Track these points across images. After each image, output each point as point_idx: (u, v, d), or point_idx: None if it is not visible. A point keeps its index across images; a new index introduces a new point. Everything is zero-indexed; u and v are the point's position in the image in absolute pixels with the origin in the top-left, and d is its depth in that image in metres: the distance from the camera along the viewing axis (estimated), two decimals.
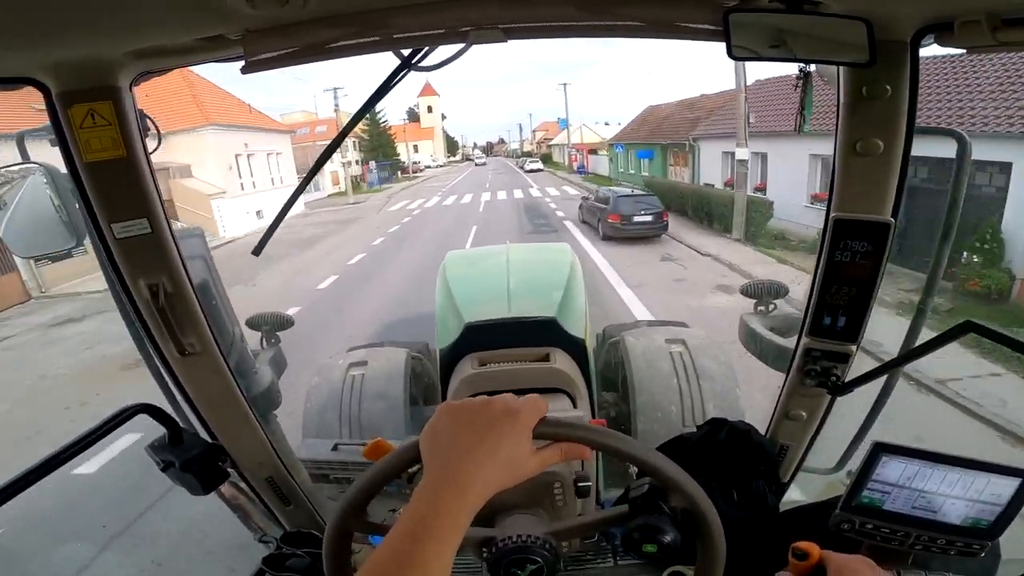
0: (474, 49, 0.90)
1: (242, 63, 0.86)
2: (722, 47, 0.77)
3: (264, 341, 1.89)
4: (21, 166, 1.05)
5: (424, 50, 0.90)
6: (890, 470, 0.83)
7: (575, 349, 1.73)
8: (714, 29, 0.81)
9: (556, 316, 1.82)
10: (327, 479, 1.61)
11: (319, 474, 1.60)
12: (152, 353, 1.07)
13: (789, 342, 1.44)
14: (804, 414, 1.18)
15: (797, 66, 0.97)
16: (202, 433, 1.18)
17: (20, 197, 1.05)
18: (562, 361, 1.60)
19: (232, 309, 1.53)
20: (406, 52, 0.91)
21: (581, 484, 0.83)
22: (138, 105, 0.93)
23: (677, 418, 2.26)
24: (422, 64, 0.92)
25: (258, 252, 1.09)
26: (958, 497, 0.81)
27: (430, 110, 76.03)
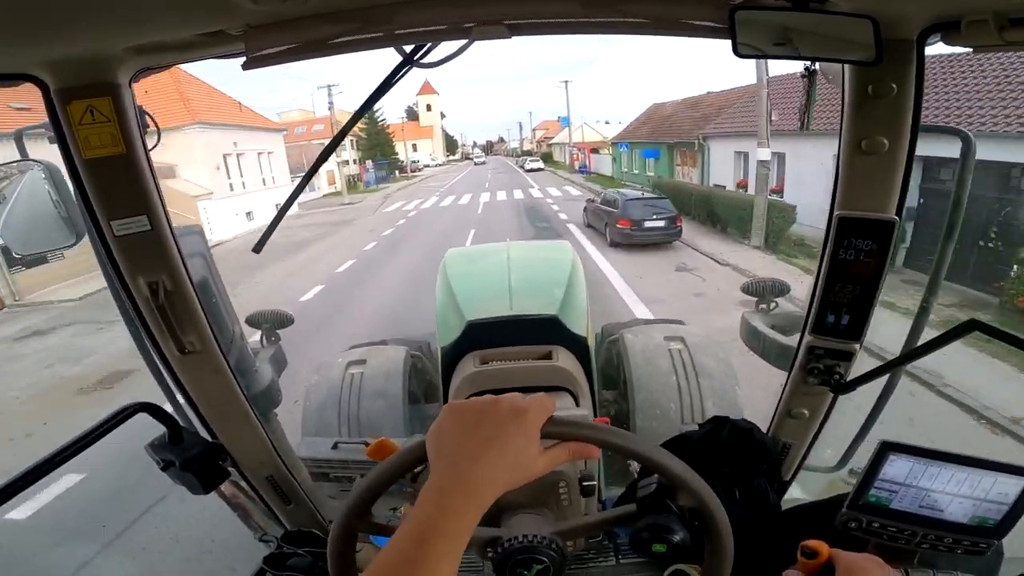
0: (474, 47, 0.89)
1: (243, 59, 0.86)
2: (726, 45, 0.77)
3: (264, 339, 1.88)
4: (19, 163, 1.05)
5: (426, 46, 0.90)
6: (897, 469, 0.83)
7: (577, 347, 1.72)
8: (719, 26, 0.80)
9: (558, 314, 1.82)
10: (327, 478, 1.60)
11: (319, 473, 1.59)
12: (152, 351, 1.07)
13: (791, 340, 1.44)
14: (806, 412, 1.18)
15: (802, 64, 0.97)
16: (202, 432, 1.17)
17: (18, 194, 1.04)
18: (564, 359, 1.60)
19: (232, 307, 1.53)
20: (408, 48, 0.90)
21: (586, 483, 0.83)
22: (137, 102, 0.92)
23: (676, 416, 2.26)
24: (424, 60, 0.91)
25: (258, 250, 1.08)
26: (965, 496, 0.82)
27: (429, 108, 75.58)
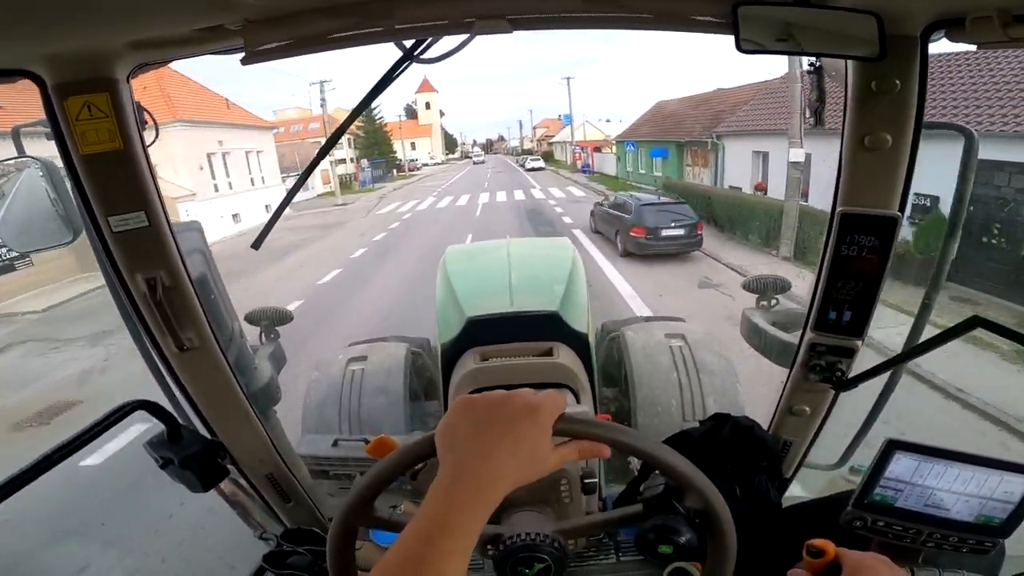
0: (474, 44, 0.88)
1: (241, 55, 0.85)
2: (728, 41, 0.76)
3: (263, 336, 1.87)
4: (16, 160, 1.04)
5: (427, 41, 0.89)
6: (902, 467, 0.83)
7: (578, 343, 1.72)
8: (722, 22, 0.80)
9: (558, 310, 1.82)
10: (327, 475, 1.60)
11: (319, 470, 1.59)
12: (150, 348, 1.06)
13: (792, 337, 1.44)
14: (807, 409, 1.17)
15: (807, 60, 0.96)
16: (201, 430, 1.17)
17: (15, 191, 1.04)
18: (565, 356, 1.59)
19: (231, 304, 1.52)
20: (408, 43, 0.90)
21: (587, 481, 0.82)
22: (135, 97, 0.91)
23: (677, 413, 2.26)
24: (424, 56, 0.91)
25: (257, 246, 1.08)
26: (970, 495, 0.81)
27: (428, 107, 75.12)
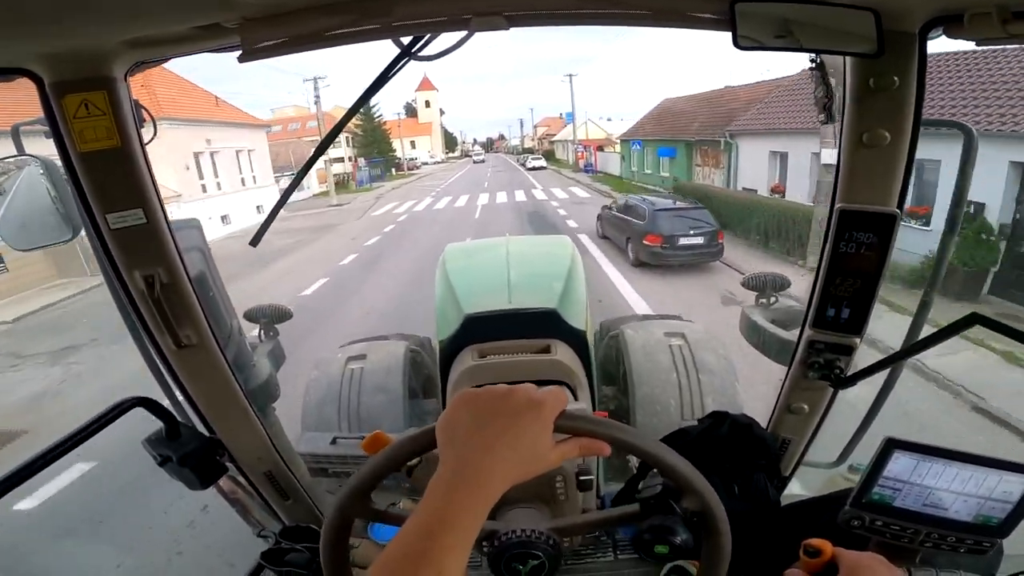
0: (474, 43, 0.88)
1: (238, 52, 0.85)
2: (730, 39, 0.76)
3: (262, 334, 1.88)
4: (16, 159, 1.04)
5: (425, 38, 0.89)
6: (901, 466, 0.82)
7: (576, 341, 1.72)
8: (720, 18, 0.80)
9: (557, 307, 1.82)
10: (326, 473, 1.60)
11: (318, 468, 1.59)
12: (148, 346, 1.06)
13: (791, 335, 1.44)
14: (806, 407, 1.17)
15: (808, 56, 0.96)
16: (200, 427, 1.17)
17: (16, 189, 1.04)
18: (563, 353, 1.60)
19: (230, 301, 1.52)
20: (406, 40, 0.90)
21: (583, 478, 0.82)
22: (133, 95, 0.91)
23: (676, 411, 2.26)
24: (422, 53, 0.91)
25: (255, 243, 1.08)
26: (969, 494, 0.81)
27: (428, 105, 74.89)
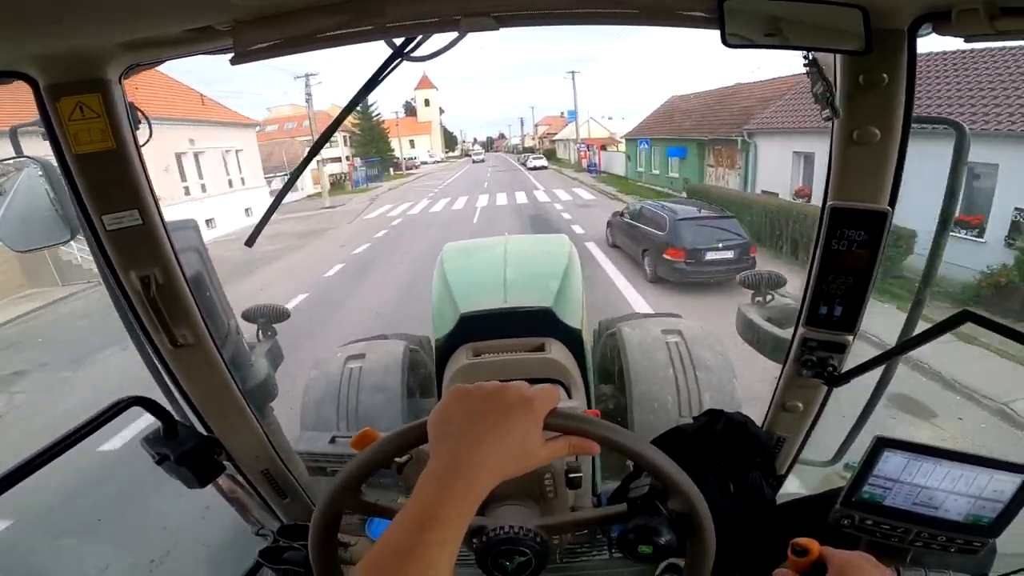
0: (473, 42, 0.89)
1: (231, 54, 0.86)
2: None
3: (260, 334, 1.88)
4: (15, 160, 1.05)
5: (417, 39, 0.89)
6: (891, 465, 0.82)
7: (571, 339, 1.73)
8: (709, 17, 0.80)
9: (552, 306, 1.83)
10: (324, 472, 1.61)
11: (316, 467, 1.60)
12: (146, 345, 1.07)
13: (787, 333, 1.44)
14: (800, 405, 1.18)
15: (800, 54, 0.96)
16: (198, 426, 1.18)
17: (14, 191, 1.05)
18: (557, 351, 1.60)
19: (227, 301, 1.53)
20: (398, 41, 0.90)
21: (572, 475, 0.83)
22: (128, 98, 0.92)
23: (673, 409, 2.26)
24: (415, 54, 0.91)
25: (251, 243, 1.09)
26: (960, 493, 0.80)
27: (427, 103, 74.58)
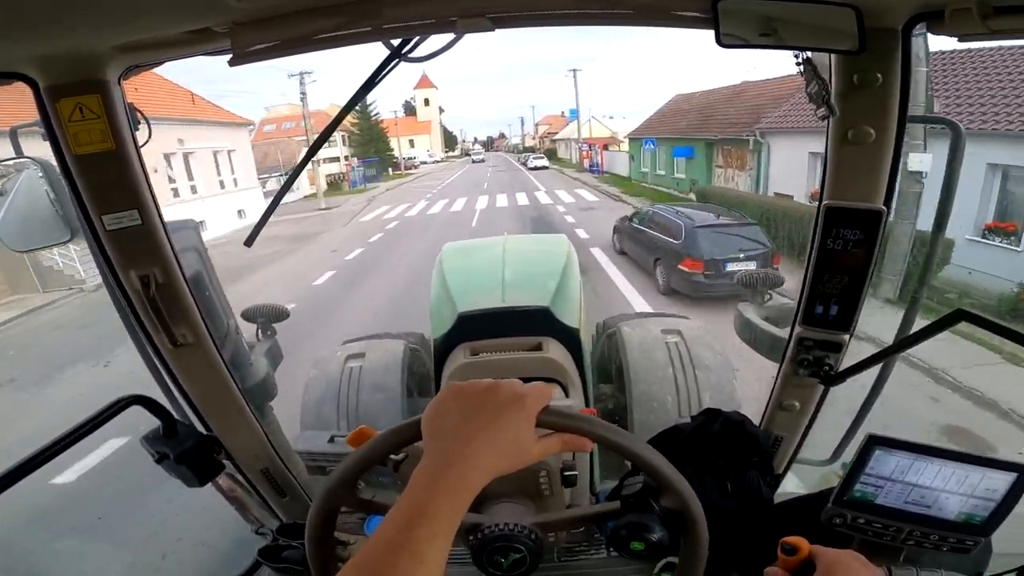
0: (473, 42, 0.89)
1: (229, 56, 0.86)
2: None
3: (260, 333, 1.89)
4: (16, 161, 1.06)
5: (414, 40, 0.90)
6: (884, 463, 0.81)
7: (568, 339, 1.73)
8: (703, 17, 0.81)
9: (549, 306, 1.83)
10: (323, 471, 1.62)
11: (315, 466, 1.61)
12: (145, 344, 1.08)
13: (784, 332, 1.45)
14: (797, 404, 1.18)
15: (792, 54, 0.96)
16: (197, 425, 1.18)
17: (15, 191, 1.06)
18: (555, 350, 1.61)
19: (227, 301, 1.54)
20: (396, 42, 0.91)
21: (568, 473, 0.83)
22: (127, 99, 0.93)
23: (673, 408, 2.26)
24: (412, 55, 0.92)
25: (250, 243, 1.09)
26: (952, 492, 0.80)
27: (427, 103, 74.39)
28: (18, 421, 5.41)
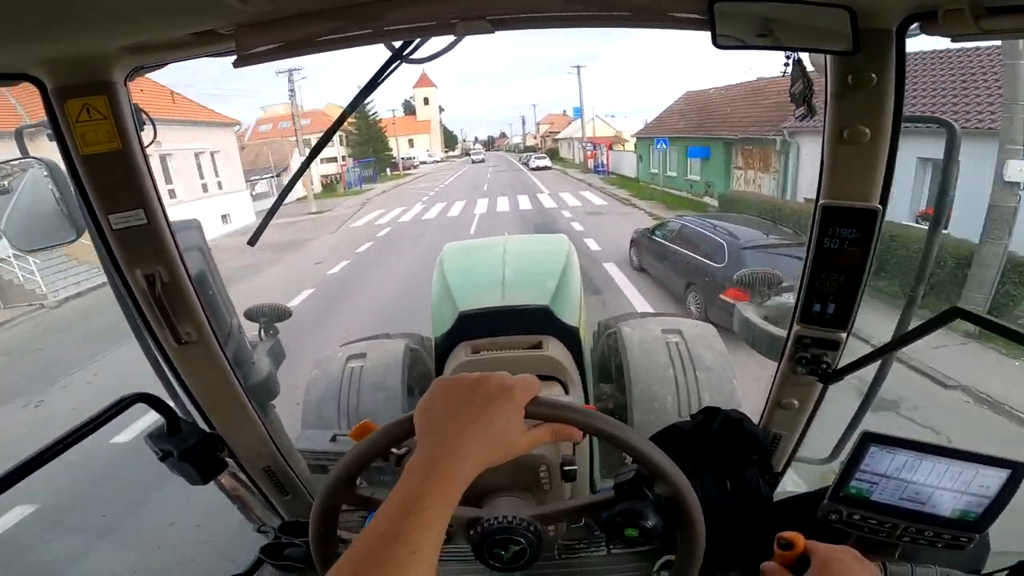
0: (473, 42, 0.90)
1: (234, 57, 0.87)
2: None
3: (262, 332, 1.90)
4: (22, 161, 1.07)
5: (415, 42, 0.91)
6: (879, 460, 0.82)
7: (568, 337, 1.75)
8: (700, 18, 0.82)
9: (549, 304, 1.84)
10: (325, 470, 1.63)
11: (317, 465, 1.62)
12: (150, 342, 1.09)
13: (783, 331, 1.45)
14: (796, 402, 1.19)
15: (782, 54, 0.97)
16: (200, 423, 1.19)
17: (20, 191, 1.07)
18: (554, 349, 1.62)
19: (230, 300, 1.55)
20: (397, 44, 0.92)
21: (567, 468, 0.84)
22: (132, 99, 0.94)
23: (673, 408, 2.26)
24: (414, 56, 0.93)
25: (253, 242, 1.11)
26: (947, 488, 0.80)
27: (427, 102, 73.55)
28: None
